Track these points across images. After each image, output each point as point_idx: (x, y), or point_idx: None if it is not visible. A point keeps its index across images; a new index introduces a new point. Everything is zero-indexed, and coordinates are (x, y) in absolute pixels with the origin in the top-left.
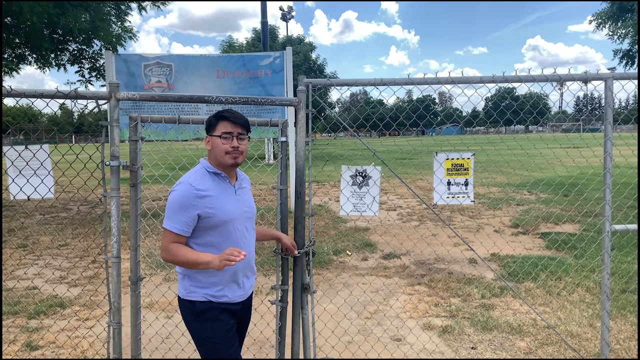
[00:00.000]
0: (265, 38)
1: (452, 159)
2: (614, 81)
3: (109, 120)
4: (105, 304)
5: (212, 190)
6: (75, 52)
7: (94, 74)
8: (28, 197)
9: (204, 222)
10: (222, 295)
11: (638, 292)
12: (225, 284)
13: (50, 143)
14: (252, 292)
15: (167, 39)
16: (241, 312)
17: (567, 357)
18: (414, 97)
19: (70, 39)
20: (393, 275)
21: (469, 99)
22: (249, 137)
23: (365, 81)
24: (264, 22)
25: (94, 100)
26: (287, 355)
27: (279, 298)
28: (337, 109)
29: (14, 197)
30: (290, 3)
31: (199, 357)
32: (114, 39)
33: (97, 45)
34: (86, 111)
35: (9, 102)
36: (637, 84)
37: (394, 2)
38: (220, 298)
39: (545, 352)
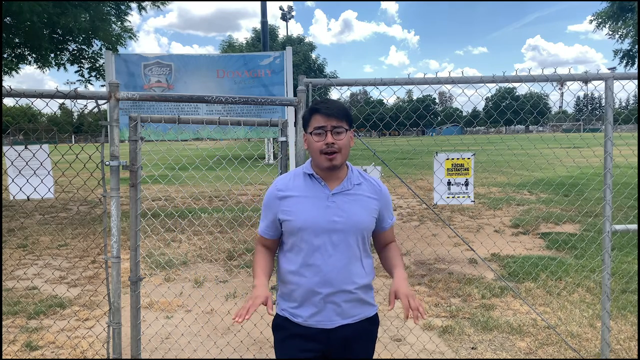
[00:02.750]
0: (265, 38)
1: (453, 159)
2: (615, 81)
3: (108, 120)
4: (105, 304)
5: (297, 191)
6: (75, 51)
7: (93, 73)
8: (28, 197)
9: (284, 226)
10: (297, 314)
11: (638, 292)
12: (300, 301)
13: (49, 143)
14: (357, 324)
15: (166, 39)
16: (330, 345)
17: (568, 357)
18: (414, 97)
19: (70, 38)
20: None
21: (469, 99)
22: (348, 129)
23: (366, 81)
24: (263, 22)
25: (94, 100)
26: None
27: None
28: None
29: (13, 197)
30: (290, 3)
31: (199, 357)
32: (113, 39)
33: (97, 45)
34: (86, 111)
35: (8, 102)
36: (637, 83)
37: (393, 2)
38: (295, 317)
39: (545, 352)
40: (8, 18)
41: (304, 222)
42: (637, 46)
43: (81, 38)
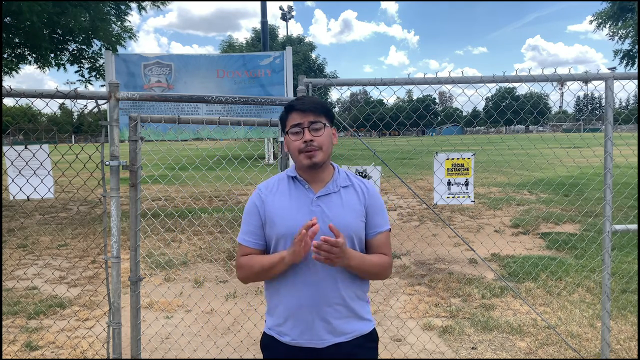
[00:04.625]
0: (265, 38)
1: (453, 159)
2: (615, 81)
3: (108, 120)
4: (105, 304)
5: (280, 195)
6: (75, 51)
7: (93, 73)
8: (28, 197)
9: (267, 232)
10: (284, 333)
11: (638, 292)
12: (285, 317)
13: (49, 143)
14: (351, 342)
15: (166, 39)
16: None
17: (568, 357)
18: (414, 97)
19: (70, 38)
20: (393, 276)
21: (469, 99)
22: (327, 124)
23: (366, 81)
24: (263, 21)
25: (94, 100)
26: None
27: None
28: (337, 109)
29: (13, 197)
30: (290, 3)
31: (199, 357)
32: (113, 39)
33: (96, 45)
34: (86, 111)
35: (8, 101)
36: (637, 83)
37: (393, 2)
38: (282, 336)
39: (545, 352)
40: (8, 18)
41: (286, 228)
42: (637, 46)
43: (81, 38)
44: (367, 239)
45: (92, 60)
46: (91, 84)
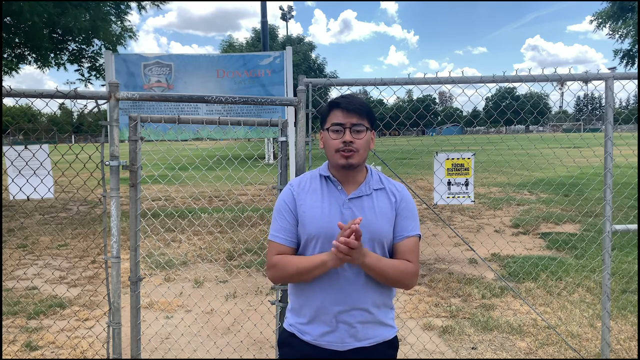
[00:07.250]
0: (265, 38)
1: (453, 158)
2: (615, 81)
3: (108, 120)
4: (105, 304)
5: (312, 194)
6: (75, 51)
7: (93, 73)
8: (27, 197)
9: (299, 231)
10: (306, 332)
11: (638, 292)
12: (310, 318)
13: (49, 143)
14: (372, 347)
15: (165, 39)
16: None
17: (568, 357)
18: (414, 97)
19: (70, 38)
20: None
21: (469, 99)
22: (370, 128)
23: (366, 81)
24: (263, 21)
25: (94, 100)
26: None
27: (279, 298)
28: None
29: (13, 197)
30: (290, 3)
31: (199, 357)
32: (113, 39)
33: (96, 44)
34: (86, 111)
35: (8, 101)
36: (637, 83)
37: (393, 2)
38: (304, 334)
39: (545, 352)
40: (8, 18)
41: (316, 229)
42: (637, 46)
43: (81, 38)
44: (393, 243)
45: (92, 60)
46: (91, 83)
